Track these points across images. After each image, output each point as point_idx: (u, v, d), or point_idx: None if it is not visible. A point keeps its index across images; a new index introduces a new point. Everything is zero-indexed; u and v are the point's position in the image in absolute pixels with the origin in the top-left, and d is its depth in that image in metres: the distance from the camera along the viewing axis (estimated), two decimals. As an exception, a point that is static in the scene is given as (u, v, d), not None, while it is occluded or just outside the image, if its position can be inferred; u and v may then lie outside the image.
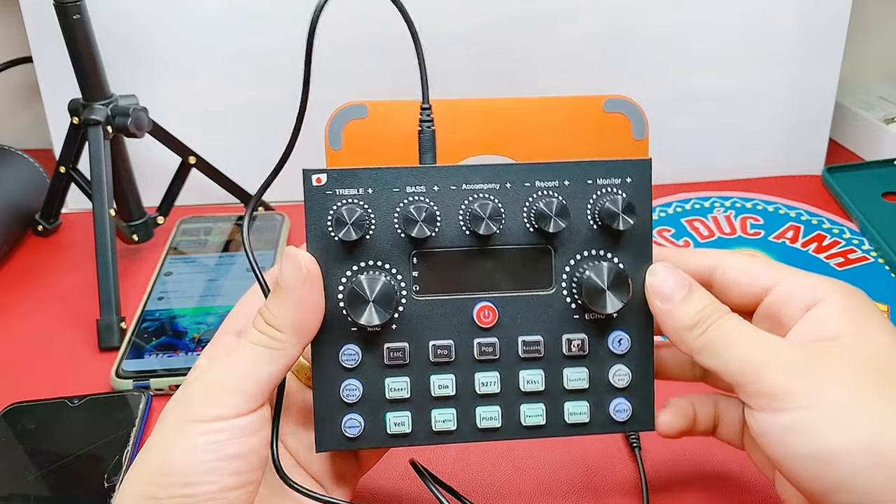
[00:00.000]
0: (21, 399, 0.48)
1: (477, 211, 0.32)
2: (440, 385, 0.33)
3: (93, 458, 0.44)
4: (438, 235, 0.33)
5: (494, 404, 0.34)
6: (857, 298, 0.32)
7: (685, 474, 0.43)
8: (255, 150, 0.69)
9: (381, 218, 0.33)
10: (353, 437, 0.33)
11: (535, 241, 0.33)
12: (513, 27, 0.65)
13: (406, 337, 0.33)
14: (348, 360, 0.33)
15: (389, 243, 0.33)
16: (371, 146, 0.50)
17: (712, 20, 0.66)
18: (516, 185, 0.33)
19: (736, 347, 0.31)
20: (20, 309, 0.59)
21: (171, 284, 0.59)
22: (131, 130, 0.58)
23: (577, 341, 0.34)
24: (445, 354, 0.33)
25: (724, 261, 0.35)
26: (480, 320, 0.33)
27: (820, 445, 0.28)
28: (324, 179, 0.32)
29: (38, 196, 0.66)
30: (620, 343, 0.34)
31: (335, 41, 0.62)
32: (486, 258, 0.33)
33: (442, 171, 0.33)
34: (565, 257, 0.33)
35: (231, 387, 0.31)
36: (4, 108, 0.80)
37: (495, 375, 0.34)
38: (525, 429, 0.34)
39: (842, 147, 0.76)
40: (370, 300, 0.32)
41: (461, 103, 0.51)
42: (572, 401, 0.34)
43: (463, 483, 0.42)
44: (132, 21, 0.65)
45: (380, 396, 0.33)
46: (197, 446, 0.29)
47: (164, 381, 0.49)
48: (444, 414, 0.34)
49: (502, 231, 0.33)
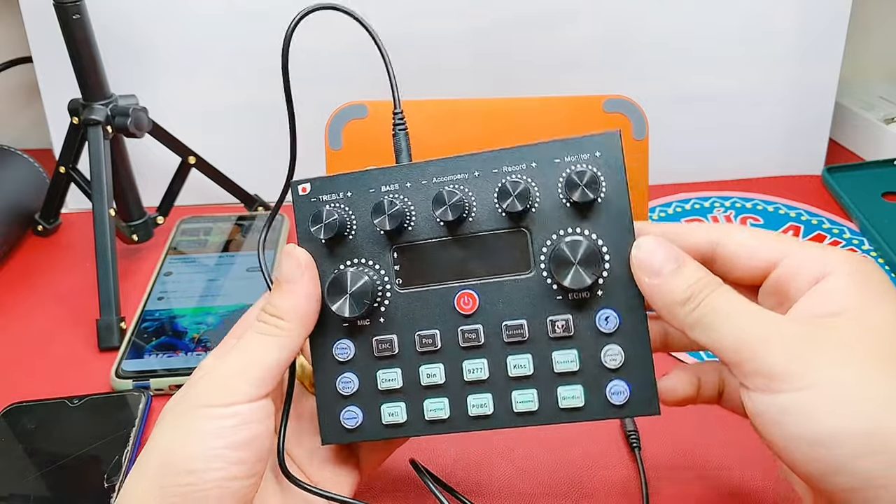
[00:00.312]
0: (21, 399, 0.48)
1: (441, 196, 0.33)
2: (429, 374, 0.34)
3: (93, 458, 0.44)
4: (415, 229, 0.34)
5: (485, 391, 0.34)
6: (868, 271, 0.30)
7: (685, 474, 0.43)
8: (255, 150, 0.70)
9: (361, 218, 0.34)
10: (352, 429, 0.35)
11: (509, 226, 0.33)
12: (513, 27, 0.65)
13: (393, 329, 0.34)
14: (341, 354, 0.35)
15: (370, 241, 0.34)
16: (371, 146, 0.50)
17: (712, 20, 0.66)
18: (485, 172, 0.34)
19: (731, 323, 0.29)
20: (20, 309, 0.59)
21: (170, 284, 0.59)
22: (131, 130, 0.58)
23: (562, 322, 0.33)
24: (431, 343, 0.34)
25: (725, 235, 0.33)
26: (461, 307, 0.34)
27: (818, 428, 0.27)
28: (308, 188, 0.35)
29: (38, 196, 0.66)
30: (608, 321, 0.33)
31: (335, 42, 0.62)
32: (464, 246, 0.34)
33: (414, 168, 0.34)
34: (542, 238, 0.33)
35: (239, 373, 0.31)
36: (4, 108, 0.80)
37: (482, 362, 0.34)
38: (518, 415, 0.33)
39: (842, 147, 0.76)
40: (348, 292, 0.33)
41: (461, 103, 0.51)
42: (565, 385, 0.33)
43: (463, 483, 0.42)
44: (132, 21, 0.65)
45: (373, 388, 0.34)
46: (205, 432, 0.30)
47: (163, 381, 0.49)
48: (435, 403, 0.34)
49: (475, 218, 0.34)
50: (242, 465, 0.30)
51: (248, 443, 0.30)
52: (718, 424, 0.45)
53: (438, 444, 0.44)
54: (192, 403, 0.31)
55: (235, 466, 0.30)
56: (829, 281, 0.30)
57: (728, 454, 0.43)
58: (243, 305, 0.56)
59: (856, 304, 0.29)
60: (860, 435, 0.27)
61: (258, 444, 0.31)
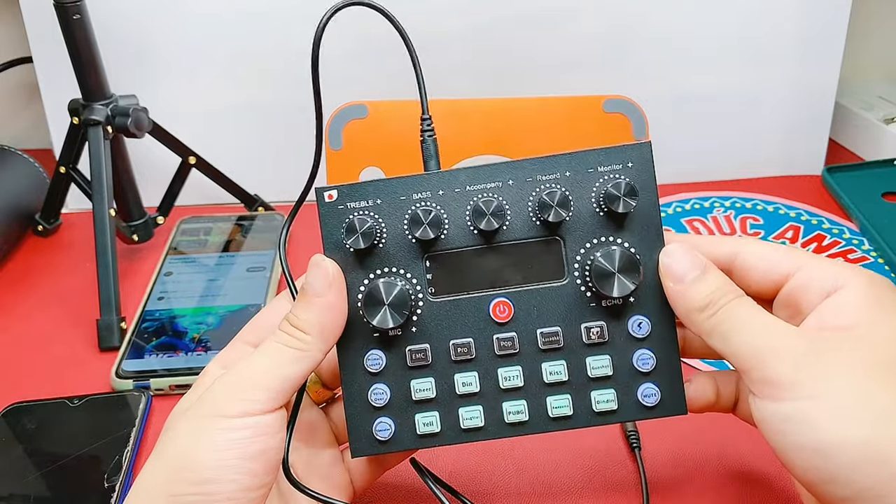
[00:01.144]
0: (21, 399, 0.48)
1: (480, 207, 0.33)
2: (464, 382, 0.34)
3: (93, 458, 0.44)
4: (448, 237, 0.34)
5: (520, 398, 0.34)
6: (880, 287, 0.31)
7: (685, 474, 0.43)
8: (255, 150, 0.70)
9: (392, 226, 0.34)
10: (385, 441, 0.34)
11: (543, 234, 0.34)
12: (513, 27, 0.65)
13: (426, 338, 0.34)
14: (373, 365, 0.34)
15: (402, 249, 0.34)
16: (371, 146, 0.50)
17: (712, 20, 0.66)
18: (519, 181, 0.34)
19: (745, 331, 0.31)
20: (20, 309, 0.59)
21: (171, 284, 0.59)
22: (131, 130, 0.58)
23: (596, 328, 0.34)
24: (466, 352, 0.34)
25: (744, 247, 0.34)
26: (497, 316, 0.34)
27: (818, 437, 0.28)
28: (335, 195, 0.34)
29: (38, 196, 0.66)
30: (640, 327, 0.34)
31: (335, 42, 0.62)
32: (497, 255, 0.34)
33: (446, 176, 0.34)
34: (575, 247, 0.34)
35: (257, 383, 0.31)
36: (4, 108, 0.80)
37: (517, 369, 0.34)
38: (553, 420, 0.34)
39: (842, 147, 0.76)
40: (386, 303, 0.33)
41: (461, 103, 0.51)
42: (598, 389, 0.34)
43: (463, 483, 0.42)
44: (132, 21, 0.65)
45: (407, 398, 0.34)
46: (220, 443, 0.29)
47: (164, 381, 0.49)
48: (471, 411, 0.34)
49: (509, 226, 0.34)
50: (255, 477, 0.30)
51: (261, 454, 0.30)
52: (718, 425, 0.45)
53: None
54: (207, 412, 0.30)
55: (247, 477, 0.30)
56: (841, 295, 0.31)
57: (728, 454, 0.43)
58: (243, 305, 0.56)
59: (866, 318, 0.30)
60: (858, 445, 0.27)
61: (270, 455, 0.30)
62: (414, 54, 0.35)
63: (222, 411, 0.30)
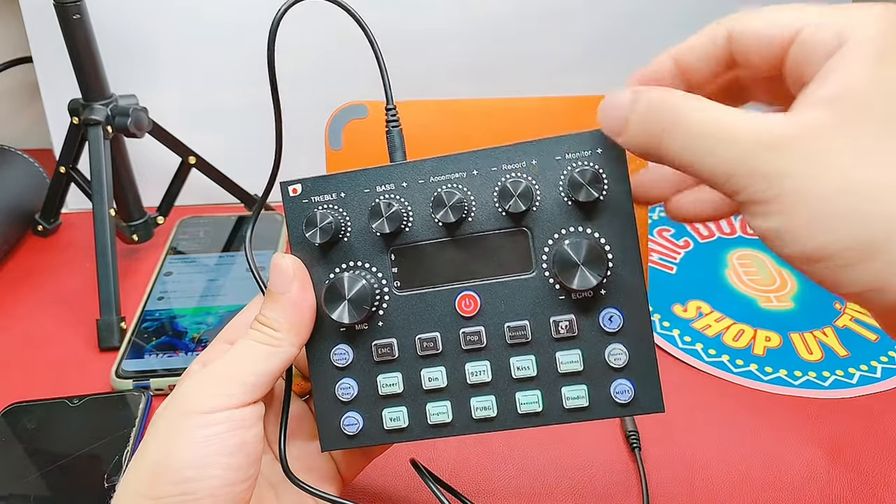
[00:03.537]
0: (21, 399, 0.48)
1: (441, 198, 0.32)
2: (430, 378, 0.34)
3: (93, 458, 0.44)
4: (412, 230, 0.33)
5: (488, 394, 0.33)
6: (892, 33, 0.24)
7: (685, 474, 0.43)
8: (255, 150, 0.69)
9: (356, 219, 0.33)
10: (353, 435, 0.34)
11: (510, 225, 0.33)
12: (513, 27, 0.65)
13: (392, 333, 0.34)
14: (339, 360, 0.34)
15: (367, 243, 0.34)
16: (371, 146, 0.50)
17: (711, 20, 0.66)
18: (483, 170, 0.33)
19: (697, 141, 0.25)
20: (20, 309, 0.59)
21: (170, 284, 0.59)
22: (131, 130, 0.58)
23: (565, 322, 0.33)
24: (432, 347, 0.33)
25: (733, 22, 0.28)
26: (462, 309, 0.33)
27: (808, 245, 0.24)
28: (299, 189, 0.34)
29: (38, 196, 0.66)
30: (612, 320, 0.32)
31: (334, 42, 0.62)
32: (463, 247, 0.33)
33: (410, 167, 0.33)
34: (543, 238, 0.33)
35: (231, 378, 0.31)
36: (4, 108, 0.80)
37: (485, 364, 0.33)
38: (522, 417, 0.33)
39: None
40: (346, 298, 0.33)
41: (461, 103, 0.51)
42: (569, 385, 0.33)
43: (463, 483, 0.42)
44: (132, 21, 0.65)
45: (374, 393, 0.34)
46: (195, 439, 0.29)
47: (164, 381, 0.49)
48: (438, 406, 0.34)
49: (475, 218, 0.33)
50: (236, 471, 0.30)
51: (240, 448, 0.30)
52: (718, 425, 0.45)
53: (439, 445, 0.44)
54: (181, 409, 0.30)
55: (229, 472, 0.30)
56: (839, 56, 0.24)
57: (728, 454, 0.43)
58: (243, 305, 0.55)
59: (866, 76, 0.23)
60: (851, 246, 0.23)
61: (249, 448, 0.31)
62: (375, 44, 0.35)
63: (197, 407, 0.30)
